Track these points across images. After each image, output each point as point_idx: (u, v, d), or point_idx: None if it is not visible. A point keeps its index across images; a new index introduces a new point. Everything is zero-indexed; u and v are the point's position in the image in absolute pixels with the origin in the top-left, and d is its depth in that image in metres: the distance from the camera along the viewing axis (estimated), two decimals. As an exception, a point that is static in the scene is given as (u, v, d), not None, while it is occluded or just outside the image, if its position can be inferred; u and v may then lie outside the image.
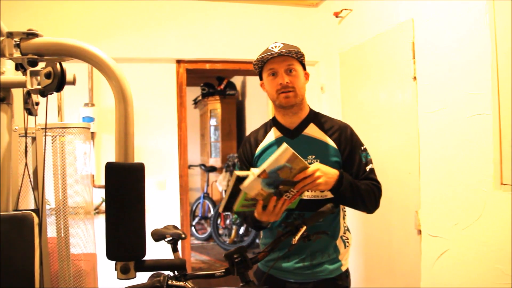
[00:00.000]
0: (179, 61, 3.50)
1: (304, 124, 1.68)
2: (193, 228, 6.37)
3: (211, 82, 6.66)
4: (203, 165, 6.79)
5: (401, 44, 2.51)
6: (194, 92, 7.11)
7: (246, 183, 1.37)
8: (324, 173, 1.45)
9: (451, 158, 2.14)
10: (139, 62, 3.38)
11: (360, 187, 1.57)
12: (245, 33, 3.57)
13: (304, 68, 1.68)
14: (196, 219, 6.52)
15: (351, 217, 3.07)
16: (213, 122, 6.84)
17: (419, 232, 2.36)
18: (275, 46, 1.60)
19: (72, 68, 1.43)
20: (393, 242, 2.63)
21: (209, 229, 6.13)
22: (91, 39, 3.19)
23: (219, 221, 5.95)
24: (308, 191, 1.54)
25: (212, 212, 6.14)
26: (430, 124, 2.29)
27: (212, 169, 6.57)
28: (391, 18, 2.64)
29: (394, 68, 2.61)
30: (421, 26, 2.36)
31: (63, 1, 3.20)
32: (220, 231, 5.89)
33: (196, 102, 7.42)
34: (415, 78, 2.41)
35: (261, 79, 1.70)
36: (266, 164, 1.35)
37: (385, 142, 2.70)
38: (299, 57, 1.62)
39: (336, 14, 3.25)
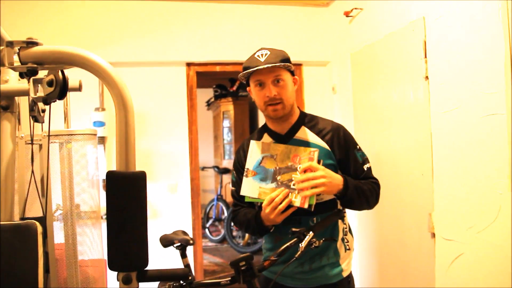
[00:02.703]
0: (189, 64, 3.50)
1: (295, 128, 1.65)
2: (207, 230, 6.37)
3: (224, 83, 6.65)
4: (217, 167, 6.79)
5: (412, 43, 2.46)
6: (207, 93, 7.12)
7: (242, 188, 1.43)
8: (329, 175, 1.45)
9: (465, 159, 2.09)
10: (149, 65, 3.39)
11: (363, 188, 1.56)
12: (255, 35, 3.55)
13: (293, 74, 1.63)
14: (210, 221, 6.52)
15: (363, 218, 3.03)
16: (226, 123, 6.83)
17: (433, 235, 2.30)
18: (261, 55, 1.55)
19: (81, 73, 1.42)
20: (407, 245, 2.58)
21: (223, 231, 6.12)
22: (100, 43, 3.20)
23: (232, 223, 5.94)
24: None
25: (225, 214, 6.14)
26: (443, 124, 2.24)
27: (226, 171, 6.56)
28: (402, 17, 2.59)
29: (406, 67, 2.55)
30: (433, 24, 2.30)
31: (71, 6, 3.22)
32: (234, 233, 5.88)
33: (209, 104, 7.43)
34: (427, 77, 2.35)
35: (248, 85, 1.66)
36: (247, 164, 1.47)
37: (397, 143, 2.65)
38: (286, 67, 1.57)
39: (347, 14, 3.20)
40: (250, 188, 1.51)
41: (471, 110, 2.03)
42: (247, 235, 5.68)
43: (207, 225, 6.45)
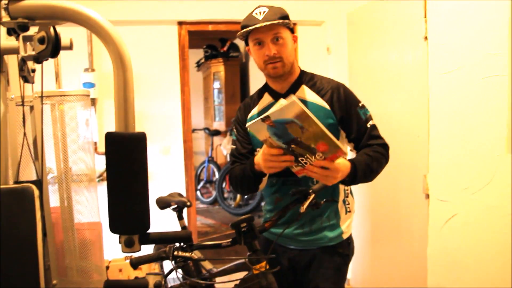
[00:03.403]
0: (180, 23, 3.39)
1: (294, 87, 1.61)
2: (198, 192, 6.40)
3: (214, 44, 6.50)
4: (207, 128, 6.75)
5: (412, 2, 2.39)
6: (197, 54, 6.96)
7: (250, 122, 1.31)
8: (342, 172, 1.41)
9: (462, 121, 2.08)
10: (139, 24, 3.27)
11: (372, 166, 1.51)
12: (248, -8, 3.43)
13: (292, 31, 1.57)
14: (201, 183, 6.55)
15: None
16: (216, 85, 6.73)
17: (427, 196, 2.33)
18: (260, 12, 1.50)
19: (69, 31, 1.35)
20: (401, 206, 2.61)
21: (214, 193, 6.16)
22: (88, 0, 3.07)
23: (224, 184, 5.97)
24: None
25: (217, 176, 6.15)
26: (442, 86, 2.21)
27: (216, 132, 6.53)
28: (402, -26, 2.50)
29: (404, 28, 2.49)
30: (434, -18, 2.24)
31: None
32: (225, 195, 5.92)
33: (199, 65, 7.29)
34: (426, 37, 2.30)
35: (247, 44, 1.60)
36: (271, 111, 1.28)
37: (393, 105, 2.63)
38: (285, 24, 1.51)
39: (344, -29, 3.10)
40: (259, 130, 1.33)
41: (471, 71, 2.01)
42: (238, 196, 5.72)
43: (198, 187, 6.48)
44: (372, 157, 1.53)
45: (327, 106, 1.57)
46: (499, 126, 1.86)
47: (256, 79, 6.35)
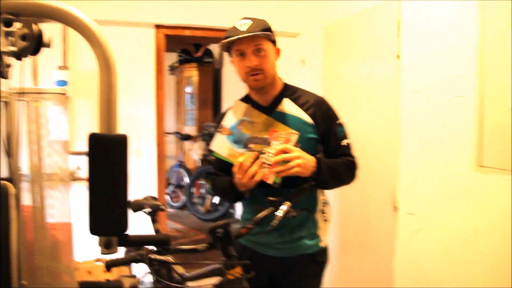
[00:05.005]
0: (158, 26, 3.37)
1: (277, 100, 1.64)
2: (167, 196, 6.34)
3: (188, 48, 6.49)
4: (178, 133, 6.71)
5: (386, 21, 2.49)
6: (170, 58, 6.92)
7: (213, 143, 1.43)
8: (304, 157, 1.47)
9: (431, 137, 2.17)
10: (116, 25, 3.24)
11: (338, 169, 1.57)
12: (227, 1, 3.46)
13: (274, 44, 1.61)
14: (171, 187, 6.49)
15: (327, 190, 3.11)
16: (189, 89, 6.71)
17: (396, 209, 2.41)
18: (243, 24, 1.52)
19: (44, 28, 1.34)
20: (370, 218, 2.68)
21: (183, 198, 6.11)
22: (65, -2, 3.02)
23: (193, 190, 5.94)
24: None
25: (186, 180, 6.12)
26: (412, 103, 2.31)
27: (188, 137, 6.50)
28: (377, -7, 2.60)
29: (378, 45, 2.59)
30: (408, 4, 2.34)
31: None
32: (195, 200, 5.89)
33: (172, 69, 7.25)
34: (398, 56, 2.40)
35: (230, 55, 1.62)
36: (224, 121, 1.48)
37: (365, 119, 2.71)
38: (267, 36, 1.55)
39: (322, -14, 3.18)
40: (221, 146, 1.51)
41: (440, 90, 2.10)
42: (208, 201, 5.71)
43: (168, 191, 6.41)
44: (338, 162, 1.59)
45: (310, 121, 1.60)
46: (465, 144, 1.95)
47: (230, 86, 6.38)
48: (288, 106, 1.62)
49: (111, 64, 1.13)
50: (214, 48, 6.76)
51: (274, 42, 1.60)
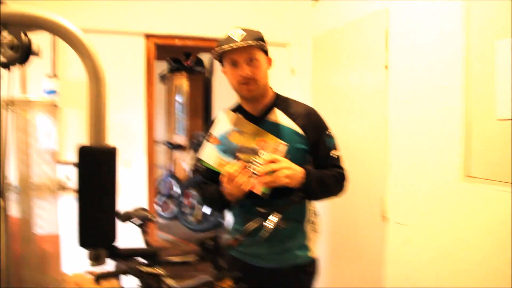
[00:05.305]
0: (148, 36, 3.38)
1: (268, 109, 1.65)
2: (157, 206, 6.29)
3: (178, 57, 6.49)
4: (169, 142, 6.68)
5: (375, 32, 2.52)
6: (160, 66, 6.92)
7: (201, 151, 1.45)
8: (292, 168, 1.47)
9: (419, 147, 2.20)
10: (105, 33, 3.23)
11: (327, 181, 1.57)
12: (217, 10, 3.48)
13: (267, 54, 1.62)
14: (161, 197, 6.44)
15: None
16: (179, 98, 6.70)
17: (385, 218, 2.42)
18: (236, 34, 1.53)
19: (33, 36, 1.33)
20: (359, 228, 2.69)
21: (173, 208, 6.07)
22: (53, 6, 3.01)
23: (184, 200, 5.91)
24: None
25: (176, 190, 6.08)
26: (400, 113, 2.33)
27: (178, 146, 6.47)
28: (366, 6, 2.64)
29: (367, 55, 2.62)
30: (396, 16, 2.38)
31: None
32: (185, 210, 5.85)
33: (162, 77, 7.24)
34: (386, 67, 2.43)
35: (222, 65, 1.63)
36: (213, 129, 1.50)
37: (354, 128, 2.73)
38: (260, 46, 1.56)
39: (311, -3, 3.21)
40: (210, 155, 1.51)
41: (427, 101, 2.13)
42: (198, 212, 5.68)
43: (158, 201, 6.37)
44: (327, 173, 1.59)
45: (300, 131, 1.60)
46: (453, 154, 1.98)
47: (220, 95, 6.38)
48: (278, 116, 1.63)
49: (100, 76, 1.13)
50: (205, 57, 6.77)
51: (266, 52, 1.61)
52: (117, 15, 3.22)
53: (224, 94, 6.55)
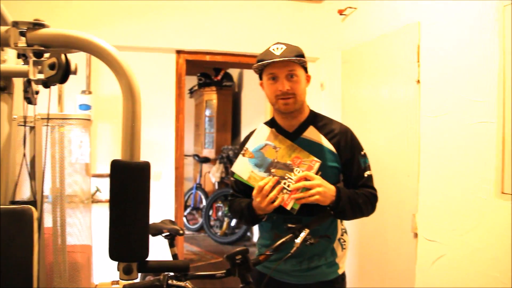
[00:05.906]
0: (179, 52, 3.45)
1: (303, 126, 1.64)
2: (184, 218, 6.34)
3: (208, 72, 6.59)
4: (197, 155, 6.76)
5: (406, 46, 2.49)
6: (190, 81, 7.04)
7: (234, 164, 1.47)
8: (324, 185, 1.47)
9: (451, 163, 2.14)
10: (137, 51, 3.33)
11: (358, 201, 1.56)
12: (247, 26, 3.53)
13: (306, 71, 1.63)
14: (188, 210, 6.50)
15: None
16: (208, 112, 6.79)
17: (416, 235, 2.37)
18: (277, 48, 1.54)
19: (69, 54, 1.39)
20: (389, 245, 2.63)
21: (200, 220, 6.11)
22: (89, 25, 3.13)
23: (210, 212, 5.94)
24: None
25: (204, 203, 6.13)
26: (432, 128, 2.29)
27: (206, 160, 6.53)
28: (396, 20, 2.62)
29: (397, 69, 2.59)
30: (428, 29, 2.34)
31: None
32: (212, 223, 5.88)
33: (191, 92, 7.36)
34: (418, 81, 2.40)
35: (260, 78, 1.65)
36: (248, 143, 1.52)
37: (384, 143, 2.69)
38: (301, 62, 1.56)
39: (340, 12, 3.22)
40: (243, 168, 1.53)
41: (461, 116, 2.08)
42: (225, 225, 5.70)
43: (185, 213, 6.42)
44: (358, 193, 1.58)
45: (333, 150, 1.60)
46: (487, 171, 1.92)
47: (248, 110, 6.43)
48: (312, 133, 1.63)
49: (136, 94, 1.16)
50: (234, 72, 6.86)
51: (305, 68, 1.62)
52: (149, 33, 3.31)
53: (253, 108, 6.61)
